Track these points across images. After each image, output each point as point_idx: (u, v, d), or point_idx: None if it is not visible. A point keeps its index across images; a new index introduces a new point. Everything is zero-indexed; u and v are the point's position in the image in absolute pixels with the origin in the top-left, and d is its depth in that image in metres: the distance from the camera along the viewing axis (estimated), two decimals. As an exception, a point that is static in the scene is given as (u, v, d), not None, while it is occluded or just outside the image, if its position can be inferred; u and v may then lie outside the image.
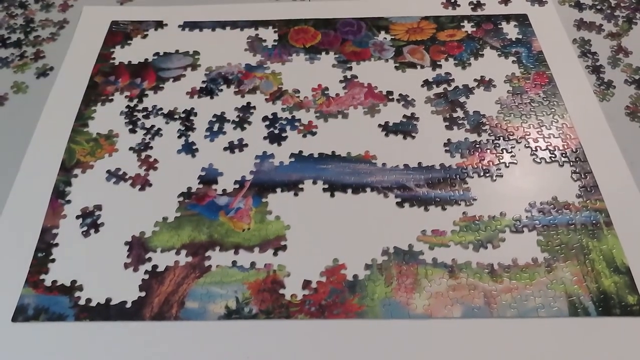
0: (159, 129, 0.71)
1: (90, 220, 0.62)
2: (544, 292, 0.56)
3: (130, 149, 0.69)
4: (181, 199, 0.64)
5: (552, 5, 0.85)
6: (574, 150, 0.67)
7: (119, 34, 0.83)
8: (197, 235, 0.61)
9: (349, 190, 0.64)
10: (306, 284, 0.57)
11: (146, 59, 0.80)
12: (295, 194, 0.64)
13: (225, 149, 0.69)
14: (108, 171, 0.67)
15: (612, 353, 0.53)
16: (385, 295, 0.56)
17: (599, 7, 0.86)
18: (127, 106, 0.74)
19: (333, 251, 0.59)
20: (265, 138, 0.70)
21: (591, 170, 0.65)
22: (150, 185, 0.66)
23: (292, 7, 0.86)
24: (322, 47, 0.80)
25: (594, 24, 0.84)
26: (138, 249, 0.60)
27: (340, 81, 0.76)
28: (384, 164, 0.67)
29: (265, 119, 0.72)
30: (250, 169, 0.67)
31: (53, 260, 0.59)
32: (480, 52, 0.79)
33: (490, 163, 0.67)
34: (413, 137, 0.70)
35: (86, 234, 0.61)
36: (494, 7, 0.85)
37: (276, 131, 0.70)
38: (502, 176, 0.65)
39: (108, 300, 0.56)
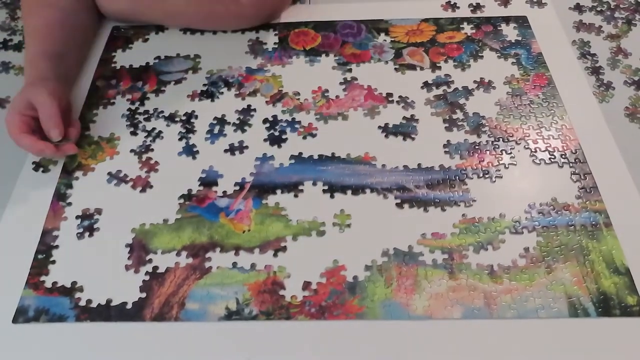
0: (160, 132, 0.72)
1: (91, 222, 0.63)
2: (544, 293, 0.56)
3: (132, 151, 0.70)
4: (182, 200, 0.64)
5: (552, 7, 0.85)
6: (574, 152, 0.67)
7: (120, 38, 0.84)
8: (197, 236, 0.61)
9: (349, 192, 0.64)
10: (306, 285, 0.57)
11: (147, 63, 0.80)
12: (295, 196, 0.64)
13: (225, 151, 0.69)
14: (109, 173, 0.67)
15: (611, 354, 0.53)
16: (385, 297, 0.56)
17: (598, 8, 0.86)
18: (129, 109, 0.74)
19: (333, 252, 0.59)
20: (265, 140, 0.70)
21: (590, 172, 0.65)
22: (151, 187, 0.66)
23: (292, 10, 0.86)
24: (322, 49, 0.81)
25: (593, 26, 0.84)
26: (139, 250, 0.60)
27: (340, 83, 0.76)
28: (383, 166, 0.67)
29: (265, 121, 0.72)
30: (251, 170, 0.67)
31: (53, 262, 0.60)
32: (480, 54, 0.79)
33: (490, 164, 0.67)
34: (413, 139, 0.70)
35: (87, 235, 0.62)
36: (494, 9, 0.85)
37: (276, 133, 0.71)
38: (501, 177, 0.66)
39: (109, 301, 0.57)
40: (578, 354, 0.53)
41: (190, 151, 0.69)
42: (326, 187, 0.65)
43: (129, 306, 0.56)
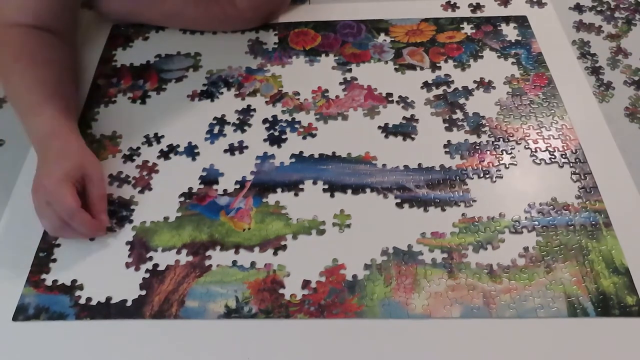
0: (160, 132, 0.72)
1: (92, 221, 0.63)
2: (543, 293, 0.56)
3: (133, 149, 0.70)
4: (182, 199, 0.65)
5: (552, 7, 0.85)
6: (574, 152, 0.67)
7: (121, 36, 0.84)
8: (197, 234, 0.61)
9: (349, 191, 0.65)
10: (306, 283, 0.57)
11: (148, 61, 0.80)
12: (296, 194, 0.65)
13: (225, 151, 0.69)
14: (111, 172, 0.67)
15: (610, 354, 0.53)
16: (384, 295, 0.56)
17: (598, 8, 0.86)
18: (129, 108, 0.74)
19: (332, 251, 0.60)
20: (265, 140, 0.70)
21: (591, 171, 0.65)
22: (151, 186, 0.66)
23: (292, 10, 0.86)
24: (322, 49, 0.81)
25: (593, 26, 0.84)
26: (139, 248, 0.60)
27: (340, 83, 0.76)
28: (384, 165, 0.67)
29: (265, 121, 0.72)
30: (251, 169, 0.67)
31: (54, 260, 0.60)
32: (480, 54, 0.79)
33: (490, 164, 0.67)
34: (413, 139, 0.70)
35: (87, 234, 0.62)
36: (494, 9, 0.85)
37: (276, 133, 0.71)
38: (501, 177, 0.66)
39: (108, 298, 0.57)
40: (577, 354, 0.53)
41: (190, 151, 0.69)
42: (326, 186, 0.65)
43: (129, 304, 0.56)
